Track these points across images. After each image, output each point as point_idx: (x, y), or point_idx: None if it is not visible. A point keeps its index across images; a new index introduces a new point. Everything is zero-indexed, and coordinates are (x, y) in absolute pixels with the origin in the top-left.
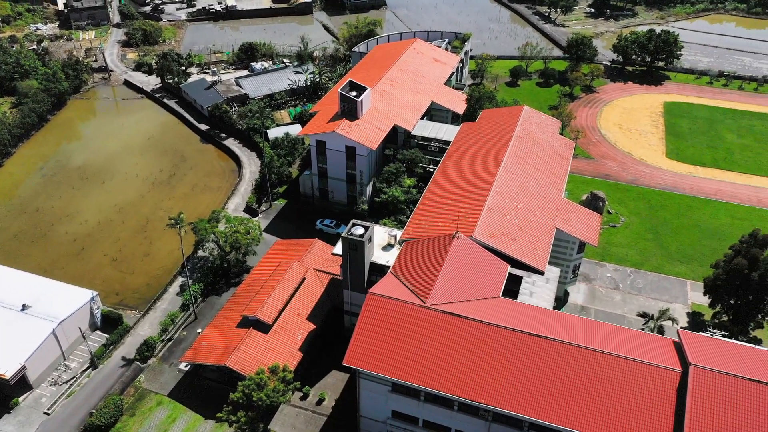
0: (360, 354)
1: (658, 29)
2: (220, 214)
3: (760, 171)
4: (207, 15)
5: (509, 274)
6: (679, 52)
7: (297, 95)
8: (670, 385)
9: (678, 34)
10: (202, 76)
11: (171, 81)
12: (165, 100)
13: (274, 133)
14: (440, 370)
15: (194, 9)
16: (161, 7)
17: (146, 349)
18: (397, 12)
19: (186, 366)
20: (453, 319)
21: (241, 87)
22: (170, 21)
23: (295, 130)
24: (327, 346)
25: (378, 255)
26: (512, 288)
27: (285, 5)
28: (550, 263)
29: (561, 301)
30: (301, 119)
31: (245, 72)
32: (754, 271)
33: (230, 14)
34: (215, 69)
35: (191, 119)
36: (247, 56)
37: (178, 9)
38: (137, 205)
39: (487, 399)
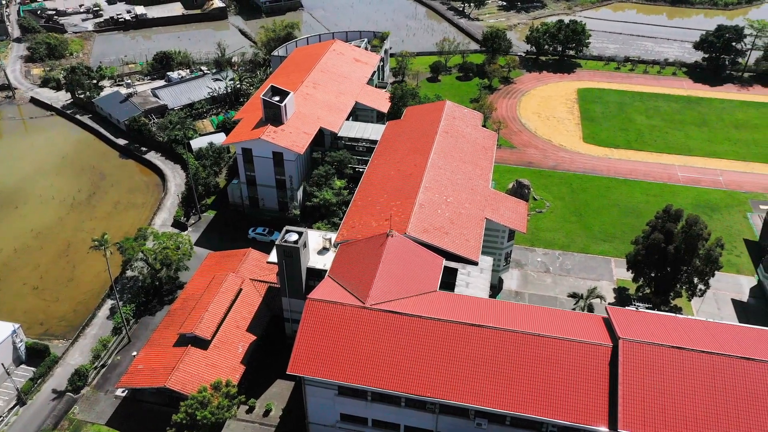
0: (304, 361)
1: (566, 19)
2: (147, 231)
3: (668, 149)
4: (116, 25)
5: (445, 267)
6: (587, 41)
7: (218, 103)
8: (602, 359)
9: (585, 24)
10: (115, 88)
11: (82, 96)
12: (77, 117)
13: (197, 143)
14: (385, 369)
15: (101, 19)
16: (56, 18)
17: (78, 378)
18: (314, 13)
19: (123, 392)
20: (393, 317)
21: (158, 98)
22: (76, 33)
23: (219, 138)
24: (270, 356)
25: (314, 260)
26: (449, 280)
27: (198, 11)
28: (483, 253)
29: (496, 288)
30: (225, 127)
31: (162, 82)
32: (669, 244)
33: (141, 23)
34: (129, 81)
35: (108, 134)
36: (162, 66)
37: (83, 20)
38: (56, 229)
39: (433, 392)
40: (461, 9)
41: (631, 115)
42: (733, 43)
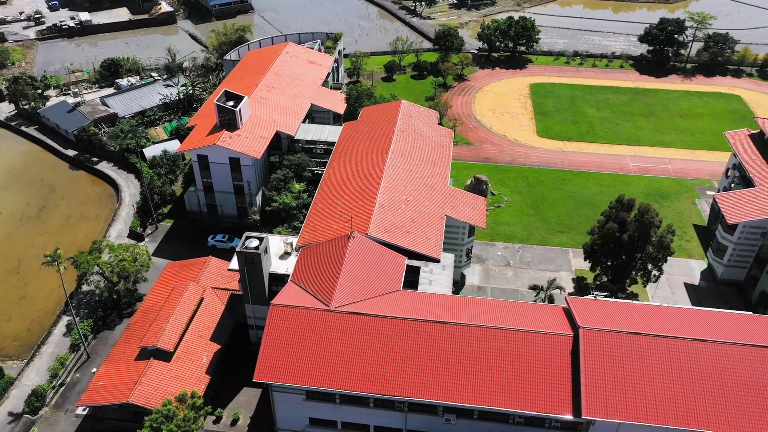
0: (270, 367)
1: (516, 16)
2: (102, 244)
3: (619, 140)
4: (59, 32)
5: (407, 266)
6: (537, 36)
7: (171, 109)
8: (564, 349)
9: (534, 20)
10: (62, 98)
11: (27, 107)
12: (23, 128)
13: (150, 151)
14: (352, 371)
15: (44, 27)
16: None
17: (36, 399)
18: (265, 15)
19: (84, 410)
20: (358, 318)
21: (108, 106)
22: (17, 41)
23: (174, 146)
24: (235, 365)
25: (276, 265)
26: (412, 279)
27: (145, 16)
28: (444, 250)
29: (459, 284)
30: (179, 134)
31: (111, 90)
32: (623, 233)
33: (86, 30)
34: (76, 90)
35: (56, 146)
36: (110, 73)
37: (25, 28)
38: (5, 246)
39: (401, 391)
40: (413, 8)
41: (582, 108)
42: (676, 36)
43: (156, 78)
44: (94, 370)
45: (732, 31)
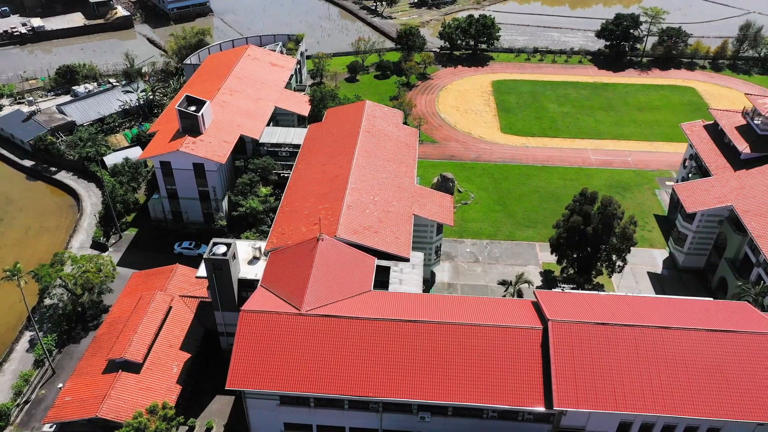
0: (242, 374)
1: (476, 14)
2: (63, 256)
3: (580, 134)
4: (11, 39)
5: (377, 266)
6: (497, 34)
7: (131, 116)
8: (534, 342)
9: (494, 17)
10: (16, 107)
11: None
12: None
13: (111, 159)
14: (326, 374)
15: None
16: None
17: None
18: (225, 18)
19: (51, 427)
20: (330, 321)
21: (65, 114)
22: None
23: (135, 153)
24: (207, 373)
25: (245, 270)
26: (382, 279)
27: (101, 21)
28: (413, 249)
29: (429, 282)
30: (140, 141)
31: (68, 97)
32: (588, 225)
33: (39, 36)
34: (31, 98)
35: (12, 156)
36: (66, 80)
37: None
38: None
39: (375, 392)
40: (374, 8)
41: (543, 104)
42: (631, 31)
43: (114, 84)
44: (60, 385)
45: (684, 25)
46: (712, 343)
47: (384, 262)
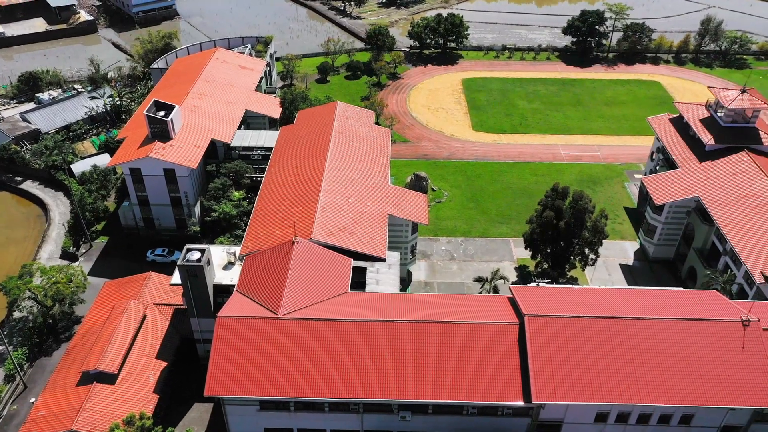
0: (220, 381)
1: (444, 13)
2: (32, 267)
3: (550, 130)
4: None
5: (354, 267)
6: (466, 32)
7: (98, 122)
8: (511, 337)
9: (462, 16)
10: None
11: None
12: None
13: (79, 167)
14: (305, 377)
15: None
16: None
17: None
18: (192, 21)
19: None
20: (308, 324)
21: (29, 122)
22: None
23: (104, 160)
24: (184, 381)
25: (220, 276)
26: (359, 280)
27: (64, 26)
28: (389, 248)
29: (406, 281)
30: (108, 147)
31: (31, 105)
32: (560, 220)
33: None
34: None
35: None
36: (29, 87)
37: None
38: None
39: (355, 393)
40: (342, 8)
41: (513, 101)
42: (597, 27)
43: (80, 90)
44: (33, 400)
45: (648, 20)
46: (683, 332)
47: (360, 263)
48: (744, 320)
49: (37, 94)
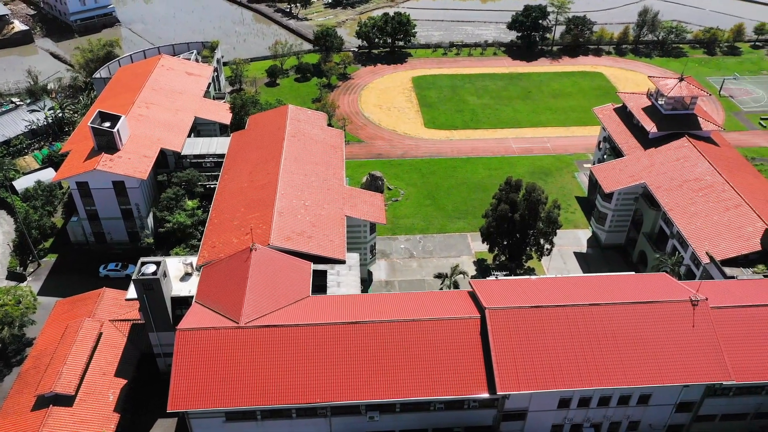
0: (184, 394)
1: (391, 12)
2: None
3: (500, 124)
4: None
5: (314, 271)
6: (413, 31)
7: (40, 136)
8: (473, 331)
9: (409, 14)
10: None
11: None
12: None
13: (22, 183)
14: (271, 384)
15: None
16: None
17: None
18: (134, 28)
19: None
20: (270, 331)
21: None
22: None
23: (48, 175)
24: (146, 397)
25: (178, 288)
26: (320, 283)
27: None
28: (348, 250)
29: (367, 281)
30: (52, 161)
31: None
32: (515, 212)
33: None
34: None
35: None
36: None
37: None
38: None
39: (322, 397)
40: (288, 10)
41: (463, 97)
42: (540, 21)
43: (18, 103)
44: None
45: (589, 13)
46: (636, 315)
47: (320, 266)
48: (693, 300)
49: None
